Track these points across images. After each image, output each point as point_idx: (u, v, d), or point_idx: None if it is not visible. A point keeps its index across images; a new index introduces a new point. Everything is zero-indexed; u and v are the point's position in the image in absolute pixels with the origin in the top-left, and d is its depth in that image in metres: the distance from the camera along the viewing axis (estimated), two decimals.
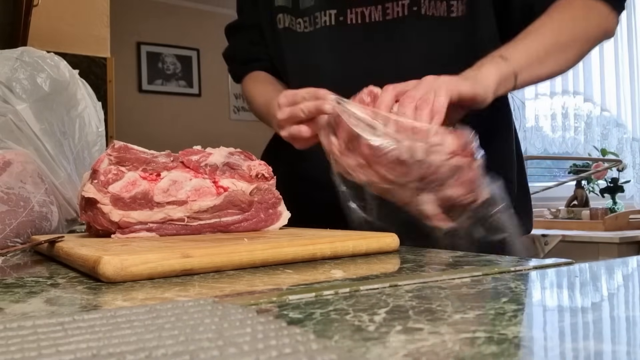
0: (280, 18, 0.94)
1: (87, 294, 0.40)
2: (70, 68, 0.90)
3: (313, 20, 0.90)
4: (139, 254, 0.46)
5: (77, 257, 0.49)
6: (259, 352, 0.23)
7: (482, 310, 0.32)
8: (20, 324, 0.27)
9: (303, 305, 0.35)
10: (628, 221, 2.66)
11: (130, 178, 0.64)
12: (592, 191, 3.13)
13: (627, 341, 0.28)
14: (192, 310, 0.30)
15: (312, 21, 0.90)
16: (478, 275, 0.44)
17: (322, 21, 0.89)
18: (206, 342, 0.24)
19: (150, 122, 3.52)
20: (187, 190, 0.66)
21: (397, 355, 0.24)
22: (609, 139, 3.62)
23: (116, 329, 0.26)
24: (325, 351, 0.23)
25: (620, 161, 3.04)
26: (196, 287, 0.42)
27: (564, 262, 0.50)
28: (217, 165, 0.69)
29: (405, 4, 0.85)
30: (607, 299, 0.37)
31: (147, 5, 3.65)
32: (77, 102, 0.88)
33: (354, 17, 0.87)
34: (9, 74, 0.80)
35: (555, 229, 2.63)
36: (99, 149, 0.91)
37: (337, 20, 0.88)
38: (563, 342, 0.27)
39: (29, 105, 0.80)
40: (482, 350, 0.25)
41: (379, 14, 0.86)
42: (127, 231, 0.63)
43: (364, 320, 0.31)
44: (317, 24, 0.89)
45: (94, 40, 2.18)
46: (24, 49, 0.87)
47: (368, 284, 0.41)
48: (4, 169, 0.71)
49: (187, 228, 0.66)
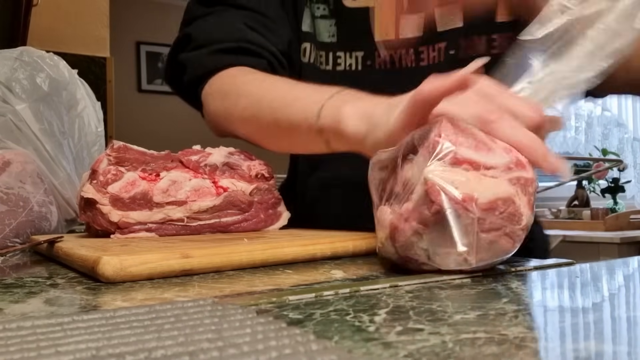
0: (307, 49, 0.79)
1: (86, 295, 0.40)
2: (69, 68, 0.90)
3: (334, 59, 0.78)
4: (139, 255, 0.46)
5: (77, 258, 0.49)
6: (259, 353, 0.22)
7: (483, 310, 0.32)
8: (20, 324, 0.27)
9: (303, 306, 0.35)
10: (629, 221, 2.67)
11: (130, 178, 0.64)
12: (593, 191, 3.13)
13: (628, 341, 0.27)
14: (191, 311, 0.30)
15: (334, 61, 0.78)
16: (478, 276, 0.44)
17: (346, 63, 0.78)
18: (206, 342, 0.24)
19: (149, 122, 3.52)
20: (187, 191, 0.66)
21: (398, 355, 0.24)
22: (610, 138, 3.62)
23: (115, 330, 0.26)
24: (325, 352, 0.22)
25: (621, 161, 3.04)
26: (196, 287, 0.42)
27: (565, 262, 0.50)
28: (217, 165, 0.69)
29: (441, 47, 0.76)
30: (608, 299, 0.37)
31: (147, 5, 3.65)
32: (76, 102, 0.88)
33: (382, 62, 0.77)
34: (8, 74, 0.80)
35: (556, 229, 2.63)
36: (99, 149, 0.91)
37: (364, 64, 0.77)
38: (564, 342, 0.27)
39: (29, 105, 0.80)
40: (482, 350, 0.24)
41: (412, 58, 0.77)
42: (126, 231, 0.63)
43: (364, 321, 0.31)
44: (340, 65, 0.78)
45: (94, 40, 2.18)
46: (23, 48, 0.87)
47: (368, 284, 0.41)
48: (4, 169, 0.71)
49: (186, 228, 0.66)
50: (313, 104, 0.59)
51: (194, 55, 0.76)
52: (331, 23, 0.79)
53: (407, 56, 0.77)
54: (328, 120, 0.57)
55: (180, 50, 0.78)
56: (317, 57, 0.79)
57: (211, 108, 0.74)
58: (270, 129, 0.67)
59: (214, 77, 0.74)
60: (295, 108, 0.62)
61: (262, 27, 0.76)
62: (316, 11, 0.79)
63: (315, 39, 0.79)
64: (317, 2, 0.79)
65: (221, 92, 0.73)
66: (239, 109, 0.70)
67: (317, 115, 0.58)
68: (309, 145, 0.63)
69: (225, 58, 0.74)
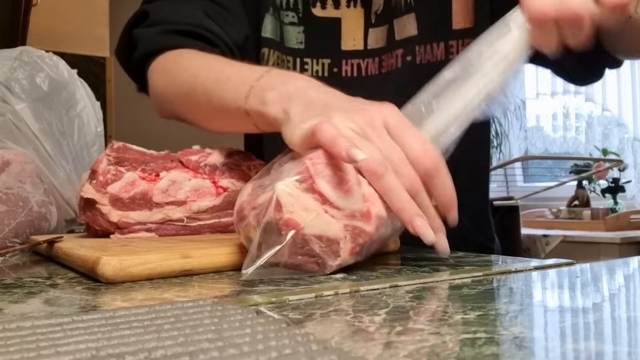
0: (265, 53, 0.80)
1: (86, 295, 0.40)
2: (69, 68, 0.90)
3: (301, 65, 0.81)
4: (138, 255, 0.46)
5: (76, 258, 0.49)
6: (259, 353, 0.22)
7: (483, 310, 0.32)
8: (19, 324, 0.27)
9: (303, 306, 0.35)
10: (629, 221, 2.67)
11: (129, 178, 0.64)
12: (593, 191, 3.13)
13: (629, 342, 0.27)
14: (191, 311, 0.30)
15: (301, 67, 0.81)
16: (479, 276, 0.44)
17: (312, 70, 0.81)
18: (205, 342, 0.24)
19: (149, 122, 3.51)
20: (187, 191, 0.66)
21: (398, 356, 0.24)
22: (610, 138, 3.62)
23: (115, 330, 0.26)
24: (325, 352, 0.22)
25: (621, 161, 3.04)
26: (195, 287, 0.42)
27: (565, 262, 0.50)
28: (217, 165, 0.69)
29: (398, 54, 0.80)
30: (608, 299, 0.37)
31: None
32: (76, 101, 0.88)
33: (349, 70, 0.81)
34: (7, 74, 0.80)
35: (556, 229, 2.63)
36: (98, 149, 0.91)
37: (330, 71, 0.81)
38: (564, 342, 0.27)
39: (28, 105, 0.80)
40: (482, 351, 0.24)
41: (376, 66, 0.81)
42: (126, 231, 0.63)
43: (364, 321, 0.30)
44: (307, 70, 0.81)
45: (93, 39, 2.18)
46: (22, 48, 0.87)
47: (368, 284, 0.41)
48: (3, 169, 0.71)
49: (186, 228, 0.66)
50: (242, 84, 0.59)
51: (147, 31, 0.75)
52: (300, 30, 0.82)
53: (372, 64, 0.81)
54: (254, 103, 0.58)
55: (135, 26, 0.77)
56: (281, 62, 0.81)
57: (153, 85, 0.74)
58: (203, 108, 0.67)
59: (161, 56, 0.73)
60: (226, 87, 0.62)
61: (220, 18, 0.76)
62: (285, 18, 0.82)
63: (282, 45, 0.81)
64: (287, 10, 0.82)
65: (163, 70, 0.72)
66: (175, 86, 0.70)
67: (244, 97, 0.59)
68: (240, 126, 0.63)
69: (177, 39, 0.73)
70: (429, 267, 0.49)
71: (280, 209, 0.44)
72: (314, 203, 0.44)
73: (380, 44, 0.82)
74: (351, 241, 0.45)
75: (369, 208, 0.45)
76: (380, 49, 0.82)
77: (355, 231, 0.45)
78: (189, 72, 0.68)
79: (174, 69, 0.70)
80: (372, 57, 0.81)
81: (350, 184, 0.45)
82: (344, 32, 0.81)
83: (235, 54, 0.75)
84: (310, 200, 0.44)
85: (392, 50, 0.81)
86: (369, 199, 0.46)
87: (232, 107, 0.61)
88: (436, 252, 0.48)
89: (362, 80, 0.81)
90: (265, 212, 0.44)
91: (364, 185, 0.46)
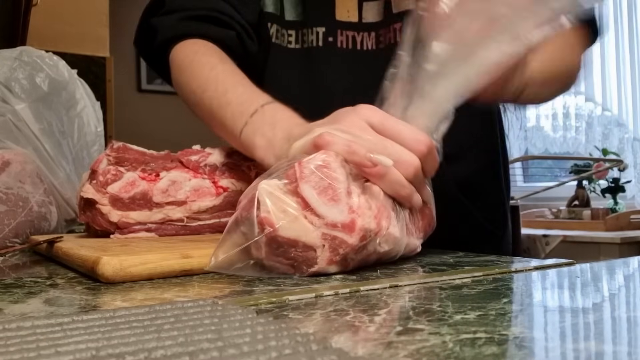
0: (269, 27, 0.82)
1: (86, 295, 0.40)
2: (69, 68, 0.90)
3: (301, 37, 0.82)
4: (138, 255, 0.46)
5: (76, 258, 0.49)
6: (259, 353, 0.22)
7: (483, 310, 0.32)
8: (19, 324, 0.27)
9: (303, 306, 0.35)
10: (629, 221, 2.67)
11: (129, 178, 0.64)
12: (593, 191, 3.13)
13: (629, 342, 0.27)
14: (191, 311, 0.30)
15: (302, 38, 0.82)
16: (479, 276, 0.44)
17: (308, 40, 0.81)
18: (205, 342, 0.24)
19: (149, 122, 3.52)
20: (187, 191, 0.66)
21: (398, 356, 0.24)
22: (610, 138, 3.62)
23: (115, 330, 0.26)
24: (325, 352, 0.22)
25: (621, 161, 3.04)
26: (195, 287, 0.42)
27: (565, 262, 0.50)
28: (217, 165, 0.69)
29: (397, 28, 0.79)
30: (608, 299, 0.37)
31: None
32: (76, 101, 0.88)
33: (344, 40, 0.81)
34: (7, 74, 0.80)
35: (556, 229, 2.63)
36: (98, 149, 0.91)
37: (325, 40, 0.81)
38: (564, 342, 0.27)
39: (28, 105, 0.80)
40: (482, 351, 0.24)
41: (373, 41, 0.81)
42: (126, 231, 0.63)
43: (364, 321, 0.30)
44: (305, 43, 0.82)
45: (93, 39, 2.18)
46: (22, 48, 0.87)
47: (368, 284, 0.41)
48: (3, 169, 0.71)
49: (186, 228, 0.66)
50: (239, 115, 0.63)
51: (165, 19, 0.77)
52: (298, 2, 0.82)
53: (369, 39, 0.81)
54: (246, 141, 0.62)
55: (152, 15, 0.79)
56: (282, 35, 0.82)
57: (173, 76, 0.77)
58: (207, 121, 0.71)
59: (179, 45, 0.75)
60: (226, 113, 0.65)
61: None
62: None
63: (281, 19, 0.82)
64: None
65: (180, 67, 0.75)
66: (187, 90, 0.73)
67: (239, 130, 0.62)
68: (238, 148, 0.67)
69: (195, 25, 0.75)
70: (429, 267, 0.49)
71: (258, 206, 0.43)
72: (294, 206, 0.44)
73: (377, 18, 0.81)
74: (330, 250, 0.44)
75: (353, 219, 0.44)
76: (376, 23, 0.81)
77: (335, 241, 0.44)
78: (199, 83, 0.70)
79: (187, 70, 0.73)
80: (368, 31, 0.81)
81: (337, 192, 0.44)
82: (338, 3, 0.81)
83: (250, 34, 0.79)
84: (291, 203, 0.44)
85: (389, 24, 0.80)
86: (356, 211, 0.45)
87: (229, 132, 0.65)
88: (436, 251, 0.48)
89: (358, 55, 0.81)
90: (246, 206, 0.45)
91: (354, 196, 0.45)
